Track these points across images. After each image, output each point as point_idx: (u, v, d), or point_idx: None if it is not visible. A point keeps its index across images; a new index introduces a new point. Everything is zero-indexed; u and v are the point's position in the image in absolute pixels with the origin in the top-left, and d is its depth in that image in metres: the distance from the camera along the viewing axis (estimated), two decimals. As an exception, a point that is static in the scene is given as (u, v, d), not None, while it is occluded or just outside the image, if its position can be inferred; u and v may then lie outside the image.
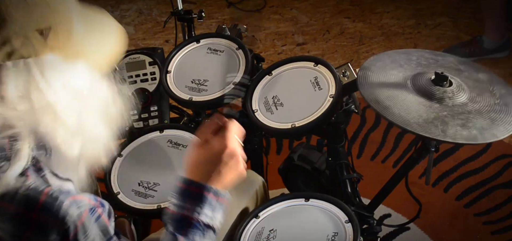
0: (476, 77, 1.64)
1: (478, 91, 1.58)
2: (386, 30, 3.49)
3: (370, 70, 1.64)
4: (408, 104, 1.52)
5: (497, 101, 1.55)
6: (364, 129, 2.78)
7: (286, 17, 3.67)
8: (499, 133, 1.46)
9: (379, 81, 1.61)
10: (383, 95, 1.55)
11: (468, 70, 1.68)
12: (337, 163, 1.83)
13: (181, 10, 2.10)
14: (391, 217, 2.36)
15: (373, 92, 1.56)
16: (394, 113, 1.48)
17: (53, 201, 0.96)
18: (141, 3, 3.84)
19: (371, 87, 1.58)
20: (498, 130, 1.46)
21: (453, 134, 1.44)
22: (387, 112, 1.49)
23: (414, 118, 1.47)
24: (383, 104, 1.51)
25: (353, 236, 1.43)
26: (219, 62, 1.85)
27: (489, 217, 2.37)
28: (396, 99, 1.53)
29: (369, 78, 1.62)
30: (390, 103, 1.52)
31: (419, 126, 1.45)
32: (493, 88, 1.60)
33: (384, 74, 1.63)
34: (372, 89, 1.57)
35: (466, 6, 3.60)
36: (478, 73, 1.66)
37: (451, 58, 1.74)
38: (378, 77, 1.62)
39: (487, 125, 1.47)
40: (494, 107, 1.53)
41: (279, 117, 1.67)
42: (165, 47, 2.71)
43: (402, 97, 1.54)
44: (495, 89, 1.60)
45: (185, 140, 1.75)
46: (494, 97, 1.57)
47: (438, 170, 2.55)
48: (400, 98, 1.54)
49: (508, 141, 2.64)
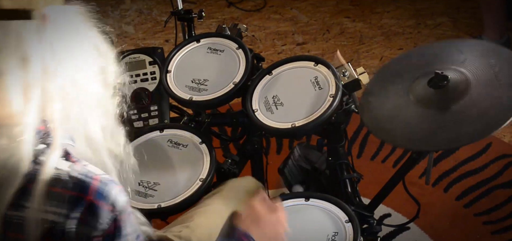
0: (479, 60, 1.61)
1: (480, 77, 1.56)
2: (386, 30, 3.48)
3: (372, 95, 1.64)
4: (410, 120, 1.50)
5: (500, 82, 1.52)
6: (364, 129, 2.78)
7: (286, 17, 3.67)
8: (505, 116, 1.44)
9: (380, 103, 1.60)
10: (384, 118, 1.53)
11: (469, 53, 1.65)
12: (337, 163, 1.83)
13: (181, 9, 2.10)
14: (391, 217, 2.36)
15: (375, 118, 1.55)
16: (396, 136, 1.48)
17: (104, 186, 0.97)
18: (141, 3, 3.84)
19: (372, 113, 1.58)
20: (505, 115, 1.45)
21: (457, 138, 1.43)
22: (389, 136, 1.49)
23: (417, 134, 1.46)
24: (384, 129, 1.51)
25: (353, 236, 1.43)
26: (219, 62, 1.85)
27: (489, 217, 2.37)
28: (396, 119, 1.52)
29: (371, 104, 1.61)
30: (391, 126, 1.51)
31: (421, 142, 1.44)
32: (497, 70, 1.56)
33: (385, 95, 1.62)
34: (373, 116, 1.56)
35: (466, 6, 3.60)
36: (480, 56, 1.63)
37: (450, 47, 1.71)
38: (380, 101, 1.61)
39: (490, 117, 1.45)
40: (499, 92, 1.51)
41: (279, 117, 1.67)
42: (165, 47, 2.71)
43: (403, 116, 1.53)
44: (498, 66, 1.57)
45: (185, 139, 1.75)
46: (497, 79, 1.53)
47: (438, 170, 2.55)
48: (401, 118, 1.52)
49: (508, 140, 2.64)
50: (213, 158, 1.70)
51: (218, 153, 1.78)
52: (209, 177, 1.65)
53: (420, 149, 1.42)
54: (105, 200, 0.96)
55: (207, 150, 1.72)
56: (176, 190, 1.62)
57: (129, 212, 1.01)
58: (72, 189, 0.95)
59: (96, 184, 0.96)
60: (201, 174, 1.66)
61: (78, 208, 0.95)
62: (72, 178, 0.95)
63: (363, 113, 1.59)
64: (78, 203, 0.95)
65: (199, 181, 1.64)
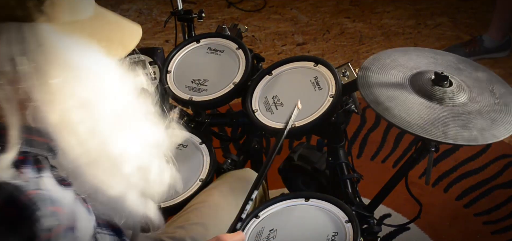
0: (476, 76, 1.64)
1: (478, 90, 1.58)
2: (386, 30, 3.49)
3: (370, 70, 1.64)
4: (409, 105, 1.51)
5: (497, 101, 1.55)
6: (364, 129, 2.78)
7: (286, 17, 3.67)
8: (499, 133, 1.46)
9: (379, 81, 1.61)
10: (383, 96, 1.55)
11: (468, 69, 1.68)
12: (337, 163, 1.83)
13: (181, 10, 2.10)
14: (391, 217, 2.36)
15: (374, 92, 1.56)
16: (395, 115, 1.48)
17: (31, 204, 0.92)
18: (141, 3, 3.84)
19: (372, 87, 1.58)
20: (498, 131, 1.46)
21: (454, 135, 1.44)
22: (388, 114, 1.49)
23: (415, 120, 1.47)
24: (383, 106, 1.51)
25: (353, 236, 1.43)
26: (219, 62, 1.85)
27: (489, 217, 2.37)
28: (396, 100, 1.53)
29: (369, 78, 1.61)
30: (391, 104, 1.52)
31: (420, 128, 1.45)
32: (493, 88, 1.60)
33: (384, 74, 1.63)
34: (373, 90, 1.57)
35: (466, 6, 3.60)
36: (477, 72, 1.66)
37: (450, 57, 1.74)
38: (378, 77, 1.62)
39: (487, 126, 1.47)
40: (494, 107, 1.53)
41: (279, 117, 1.67)
42: (165, 47, 2.71)
43: (403, 98, 1.54)
44: (495, 88, 1.60)
45: (185, 139, 1.75)
46: (494, 97, 1.57)
47: (438, 170, 2.55)
48: (401, 99, 1.53)
49: (508, 141, 2.64)
50: (213, 158, 1.70)
51: (218, 153, 1.78)
52: (209, 177, 1.65)
53: (418, 134, 1.42)
54: (26, 217, 0.92)
55: (207, 150, 1.72)
56: (176, 190, 1.62)
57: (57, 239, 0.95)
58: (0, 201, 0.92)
59: (23, 199, 0.92)
60: (201, 174, 1.66)
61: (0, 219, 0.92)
62: (4, 187, 0.92)
63: (363, 87, 1.58)
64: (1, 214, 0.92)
65: (199, 181, 1.64)
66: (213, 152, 1.72)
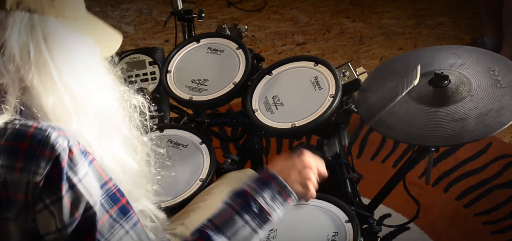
0: (476, 65, 1.62)
1: (480, 80, 1.56)
2: (386, 30, 3.49)
3: (368, 91, 1.64)
4: (410, 116, 1.50)
5: (501, 86, 1.53)
6: (364, 129, 2.78)
7: (286, 17, 3.67)
8: (505, 119, 1.45)
9: (377, 99, 1.60)
10: (383, 113, 1.54)
11: (467, 57, 1.66)
12: (337, 163, 1.83)
13: (181, 10, 2.10)
14: (391, 217, 2.36)
15: (374, 113, 1.55)
16: (397, 131, 1.48)
17: (42, 132, 0.97)
18: (141, 3, 3.84)
19: (371, 108, 1.58)
20: (505, 117, 1.45)
21: (458, 135, 1.43)
22: (391, 131, 1.49)
23: (418, 130, 1.46)
24: (385, 124, 1.51)
25: (353, 236, 1.43)
26: (219, 62, 1.86)
27: (489, 217, 2.37)
28: (396, 115, 1.52)
29: (368, 99, 1.61)
30: (392, 120, 1.51)
31: (423, 137, 1.44)
32: (495, 71, 1.57)
33: (382, 91, 1.62)
34: (372, 110, 1.56)
35: (466, 6, 3.60)
36: (477, 60, 1.64)
37: (448, 51, 1.72)
38: (377, 96, 1.61)
39: (492, 118, 1.46)
40: (498, 96, 1.52)
41: (279, 117, 1.67)
42: (165, 47, 2.71)
43: (403, 111, 1.53)
44: (497, 71, 1.58)
45: (185, 139, 1.75)
46: (498, 83, 1.54)
47: (438, 170, 2.55)
48: (400, 113, 1.53)
49: (508, 141, 2.64)
50: (213, 158, 1.70)
51: (218, 153, 1.78)
52: (209, 177, 1.65)
53: (423, 144, 1.42)
54: (42, 144, 0.97)
55: (207, 150, 1.72)
56: (176, 190, 1.62)
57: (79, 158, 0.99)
58: (9, 140, 0.97)
59: (32, 131, 0.97)
60: (201, 174, 1.66)
61: (15, 156, 0.96)
62: (11, 129, 0.98)
63: (361, 109, 1.59)
64: (15, 152, 0.97)
65: (199, 181, 1.64)
66: (213, 152, 1.72)
